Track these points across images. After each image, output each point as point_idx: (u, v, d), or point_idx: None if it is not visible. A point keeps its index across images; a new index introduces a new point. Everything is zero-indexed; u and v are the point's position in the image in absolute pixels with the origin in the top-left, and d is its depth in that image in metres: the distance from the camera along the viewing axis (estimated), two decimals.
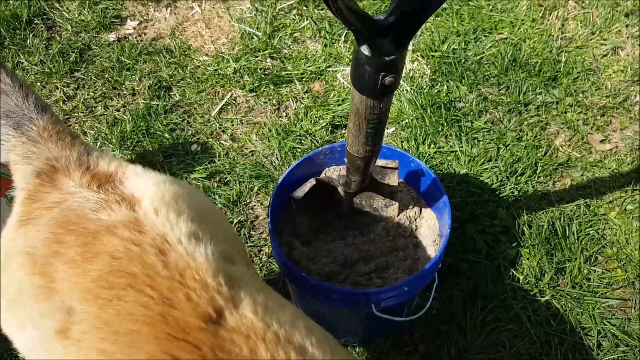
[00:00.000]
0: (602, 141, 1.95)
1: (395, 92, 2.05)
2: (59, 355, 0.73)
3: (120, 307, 0.72)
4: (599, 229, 1.72)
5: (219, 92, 2.14)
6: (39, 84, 2.17)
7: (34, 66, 2.21)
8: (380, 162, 1.36)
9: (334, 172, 1.52)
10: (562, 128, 1.98)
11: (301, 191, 1.32)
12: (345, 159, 1.12)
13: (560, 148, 1.93)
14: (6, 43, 2.31)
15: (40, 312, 0.77)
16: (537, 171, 1.86)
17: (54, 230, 0.82)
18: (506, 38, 2.26)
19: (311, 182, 1.33)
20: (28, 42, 2.31)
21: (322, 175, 1.52)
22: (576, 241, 1.69)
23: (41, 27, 2.38)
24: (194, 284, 0.74)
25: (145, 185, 0.89)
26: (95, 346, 0.70)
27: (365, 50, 0.76)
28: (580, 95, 2.07)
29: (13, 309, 0.83)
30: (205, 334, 0.68)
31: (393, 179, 1.38)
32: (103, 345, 0.70)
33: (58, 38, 2.33)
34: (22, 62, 2.23)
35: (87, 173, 0.91)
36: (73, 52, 2.27)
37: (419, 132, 1.96)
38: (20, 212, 0.89)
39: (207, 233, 0.86)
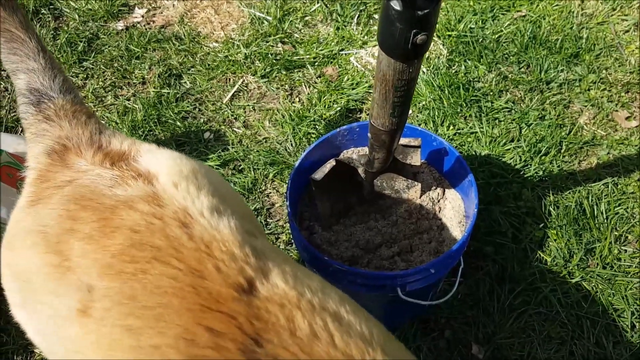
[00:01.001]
0: (627, 118, 1.88)
1: None
2: (81, 335, 0.69)
3: (146, 280, 0.68)
4: (628, 207, 1.66)
5: (230, 79, 2.10)
6: None
7: None
8: (402, 140, 1.31)
9: (353, 154, 1.47)
10: (585, 106, 1.91)
11: (321, 172, 1.27)
12: (369, 134, 1.06)
13: (584, 126, 1.87)
14: None
15: (56, 291, 0.73)
16: (562, 150, 1.79)
17: (67, 207, 0.78)
18: (525, 15, 2.19)
19: (331, 163, 1.28)
20: (35, 32, 2.26)
21: (341, 157, 1.47)
22: (605, 221, 1.63)
23: (48, 17, 2.34)
24: (222, 255, 0.70)
25: (161, 161, 0.86)
26: (120, 323, 0.66)
27: (396, 4, 0.71)
28: (604, 72, 2.00)
29: (25, 291, 0.79)
30: (239, 304, 0.65)
31: (416, 159, 1.33)
32: (128, 321, 0.66)
33: (65, 28, 2.29)
34: None
35: (99, 152, 0.88)
36: (81, 41, 2.23)
37: (437, 113, 1.90)
38: (30, 193, 0.85)
39: (228, 208, 0.82)
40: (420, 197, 1.40)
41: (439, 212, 1.40)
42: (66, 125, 0.92)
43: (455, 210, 1.38)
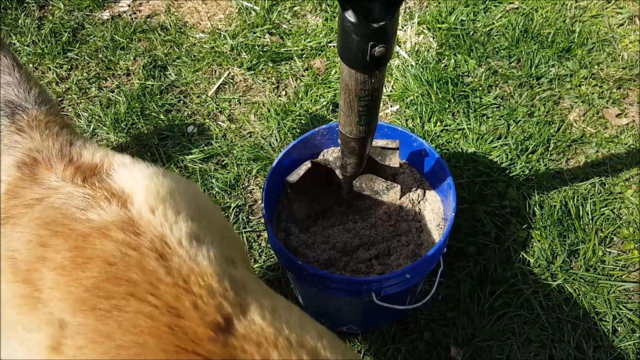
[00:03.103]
0: (618, 115, 1.84)
1: (400, 67, 1.96)
2: None
3: (121, 318, 0.65)
4: (614, 208, 1.63)
5: (215, 71, 2.06)
6: (31, 65, 2.10)
7: (25, 47, 2.14)
8: (380, 142, 1.28)
9: (332, 154, 1.45)
10: (576, 102, 1.88)
11: (296, 175, 1.24)
12: (339, 141, 1.04)
13: (574, 123, 1.83)
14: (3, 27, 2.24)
15: (25, 325, 0.70)
16: (550, 148, 1.76)
17: (37, 232, 0.75)
18: (517, 8, 2.14)
19: (306, 165, 1.26)
20: (20, 22, 2.23)
21: (320, 157, 1.45)
22: (590, 222, 1.60)
23: (33, 6, 2.30)
24: (200, 291, 0.68)
25: (136, 179, 0.82)
26: None
27: (350, 16, 0.68)
28: (596, 67, 1.96)
29: None
30: (215, 344, 0.63)
31: (394, 160, 1.31)
32: None
33: (50, 17, 2.26)
34: (14, 43, 2.16)
35: (70, 165, 0.84)
36: (66, 31, 2.19)
37: (424, 109, 1.86)
38: None
39: (207, 233, 0.79)
40: (400, 199, 1.38)
41: (419, 213, 1.38)
42: (37, 136, 0.90)
43: (434, 213, 1.36)
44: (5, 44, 1.00)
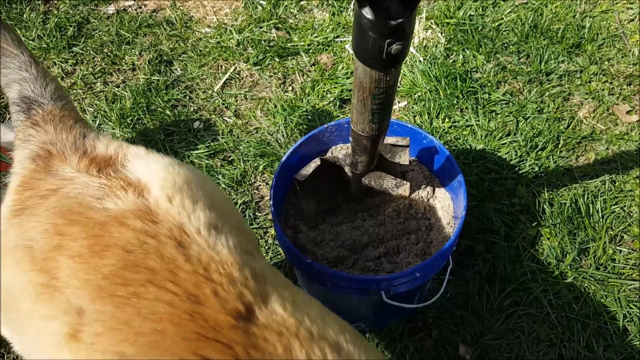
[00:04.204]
0: (628, 112, 1.82)
1: (407, 63, 1.94)
2: None
3: (140, 305, 0.65)
4: (625, 206, 1.62)
5: (221, 66, 2.05)
6: None
7: (31, 41, 2.13)
8: (390, 139, 1.27)
9: (341, 151, 1.43)
10: (586, 98, 1.86)
11: (305, 172, 1.23)
12: (350, 138, 1.03)
13: (584, 120, 1.81)
14: (2, 18, 2.22)
15: (43, 313, 0.70)
16: (559, 145, 1.75)
17: (53, 220, 0.75)
18: (526, 3, 2.11)
19: (315, 162, 1.24)
20: (25, 16, 2.22)
21: (328, 154, 1.43)
22: (600, 219, 1.59)
23: (38, 0, 2.28)
24: (221, 279, 0.68)
25: (152, 170, 0.82)
26: (112, 349, 0.64)
27: (367, 13, 0.66)
28: (606, 63, 1.93)
29: (9, 310, 0.75)
30: (236, 332, 0.63)
31: (404, 158, 1.29)
32: (121, 347, 0.63)
33: (55, 12, 2.24)
34: None
35: (84, 157, 0.84)
36: (71, 26, 2.18)
37: (432, 105, 1.85)
38: (13, 201, 0.81)
39: (225, 223, 0.78)
40: (409, 196, 1.37)
41: (428, 211, 1.36)
42: (51, 130, 0.90)
43: (444, 211, 1.35)
44: (23, 43, 1.01)
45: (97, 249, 0.70)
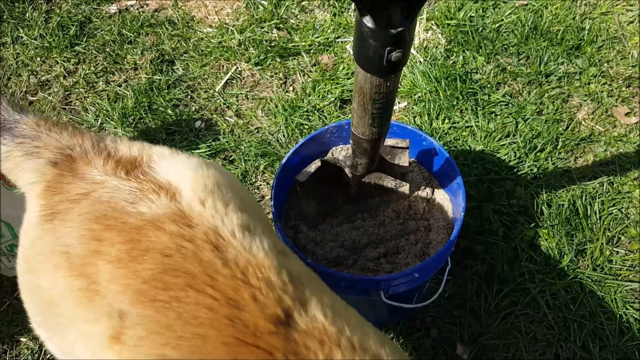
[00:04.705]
0: (627, 114, 1.84)
1: (408, 63, 1.95)
2: None
3: (181, 309, 0.65)
4: (622, 207, 1.63)
5: (223, 66, 2.06)
6: (38, 59, 2.10)
7: (33, 40, 2.14)
8: (390, 141, 1.28)
9: (341, 152, 1.45)
10: (585, 100, 1.87)
11: (305, 173, 1.24)
12: (351, 141, 1.04)
13: (582, 122, 1.83)
14: (5, 17, 2.23)
15: (85, 316, 0.70)
16: (558, 147, 1.76)
17: (89, 226, 0.74)
18: (527, 4, 2.13)
19: (316, 164, 1.26)
20: (27, 15, 2.23)
21: (329, 155, 1.45)
22: (598, 221, 1.60)
23: None
24: (259, 283, 0.67)
25: (181, 172, 0.81)
26: (155, 352, 0.64)
27: (368, 21, 0.67)
28: (605, 65, 1.95)
29: (48, 314, 0.75)
30: (276, 338, 0.62)
31: (404, 159, 1.30)
32: (164, 350, 0.64)
33: (58, 11, 2.25)
34: (22, 37, 2.16)
35: (109, 159, 0.82)
36: (73, 25, 2.19)
37: (432, 106, 1.86)
38: (41, 207, 0.80)
39: (257, 224, 0.78)
40: (408, 197, 1.38)
41: (427, 212, 1.38)
42: (58, 136, 0.86)
43: (443, 212, 1.36)
44: None
45: (135, 254, 0.70)
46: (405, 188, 1.36)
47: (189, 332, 0.64)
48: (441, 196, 1.39)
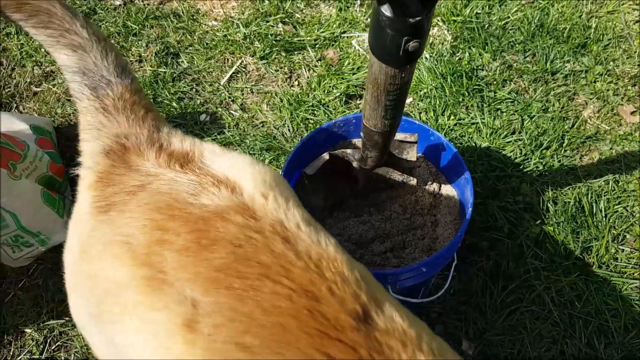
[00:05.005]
0: (632, 113, 1.84)
1: None
2: (185, 350, 0.65)
3: (259, 298, 0.63)
4: (627, 205, 1.63)
5: (228, 59, 2.05)
6: (43, 49, 2.09)
7: None
8: (398, 135, 1.28)
9: (349, 146, 1.44)
10: (590, 98, 1.87)
11: (313, 167, 1.24)
12: (362, 134, 1.04)
13: (588, 120, 1.83)
14: None
15: (153, 305, 0.68)
16: (564, 144, 1.76)
17: (150, 216, 0.73)
18: (533, 2, 2.12)
19: (324, 157, 1.25)
20: None
21: (336, 149, 1.44)
22: (604, 219, 1.60)
23: None
24: (334, 277, 0.65)
25: (238, 167, 0.79)
26: (234, 339, 0.62)
27: (386, 10, 0.67)
28: (611, 63, 1.94)
29: (106, 303, 0.73)
30: (359, 334, 0.60)
31: (412, 154, 1.30)
32: (244, 339, 0.62)
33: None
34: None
35: (161, 152, 0.81)
36: None
37: (438, 102, 1.86)
38: (94, 198, 0.79)
39: (316, 222, 0.77)
40: (415, 192, 1.38)
41: (434, 208, 1.38)
42: (123, 121, 0.84)
43: (450, 207, 1.36)
44: None
45: (204, 243, 0.69)
46: (412, 183, 1.36)
47: (270, 321, 0.62)
48: (448, 191, 1.39)
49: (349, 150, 1.30)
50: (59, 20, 0.82)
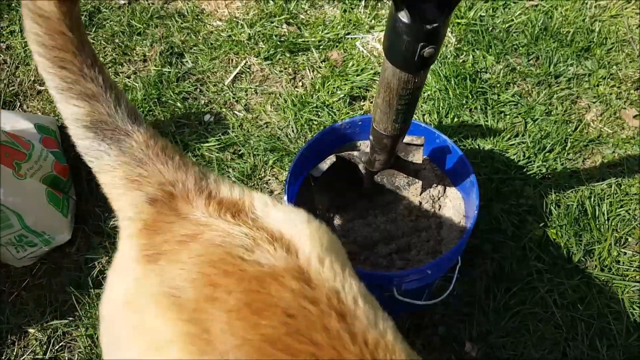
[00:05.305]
0: (635, 116, 1.84)
1: None
2: None
3: None
4: (630, 209, 1.64)
5: (232, 60, 2.05)
6: None
7: None
8: (405, 138, 1.28)
9: (355, 148, 1.45)
10: (593, 102, 1.88)
11: (320, 169, 1.25)
12: (371, 137, 1.04)
13: (591, 123, 1.84)
14: (13, 4, 2.22)
15: None
16: (567, 147, 1.77)
17: (203, 270, 0.69)
18: (537, 5, 2.13)
19: (331, 159, 1.26)
20: None
21: (342, 151, 1.45)
22: (606, 222, 1.61)
23: None
24: None
25: (291, 222, 0.75)
26: None
27: (404, 17, 0.67)
28: (614, 67, 1.95)
29: (150, 356, 0.69)
30: None
31: (418, 157, 1.31)
32: None
33: None
34: None
35: (210, 200, 0.76)
36: (82, 14, 2.16)
37: (442, 104, 1.86)
38: (142, 246, 0.75)
39: (370, 294, 0.72)
40: (420, 195, 1.38)
41: (439, 210, 1.38)
42: (164, 168, 0.78)
43: (455, 210, 1.37)
44: (81, 25, 0.77)
45: (255, 307, 0.64)
46: (417, 185, 1.37)
47: None
48: (453, 194, 1.39)
49: (355, 153, 1.30)
50: (79, 63, 0.75)
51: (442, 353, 1.44)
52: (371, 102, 1.92)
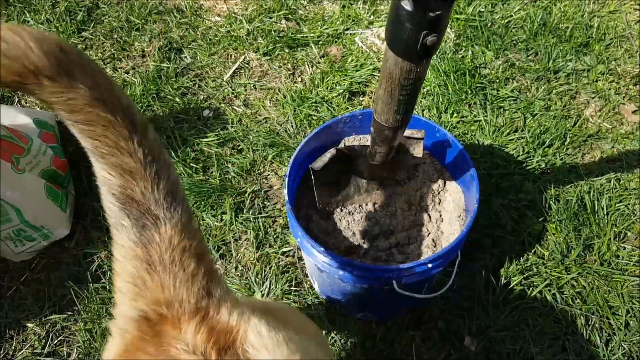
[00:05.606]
0: (634, 112, 1.85)
1: None
2: None
3: None
4: (629, 204, 1.64)
5: (231, 55, 2.05)
6: None
7: (40, 25, 2.12)
8: (405, 132, 1.28)
9: (354, 142, 1.44)
10: (592, 97, 1.88)
11: (320, 162, 1.24)
12: (372, 129, 1.04)
13: (590, 118, 1.84)
14: (11, 0, 2.21)
15: None
16: (566, 143, 1.77)
17: None
18: (536, 0, 2.13)
19: (331, 153, 1.26)
20: None
21: (342, 145, 1.44)
22: (605, 216, 1.62)
23: None
24: None
25: None
26: None
27: (407, 4, 0.67)
28: (613, 63, 1.96)
29: None
30: None
31: (418, 150, 1.31)
32: None
33: None
34: (28, 21, 2.14)
35: (203, 324, 0.67)
36: (80, 10, 2.17)
37: (441, 100, 1.86)
38: None
39: None
40: (420, 189, 1.38)
41: (439, 204, 1.38)
42: (169, 283, 0.68)
43: (455, 204, 1.37)
44: (121, 92, 0.65)
45: None
46: (417, 179, 1.37)
47: None
48: (453, 188, 1.39)
49: (356, 146, 1.30)
50: (114, 136, 0.63)
51: (442, 347, 1.44)
52: (370, 98, 1.92)
